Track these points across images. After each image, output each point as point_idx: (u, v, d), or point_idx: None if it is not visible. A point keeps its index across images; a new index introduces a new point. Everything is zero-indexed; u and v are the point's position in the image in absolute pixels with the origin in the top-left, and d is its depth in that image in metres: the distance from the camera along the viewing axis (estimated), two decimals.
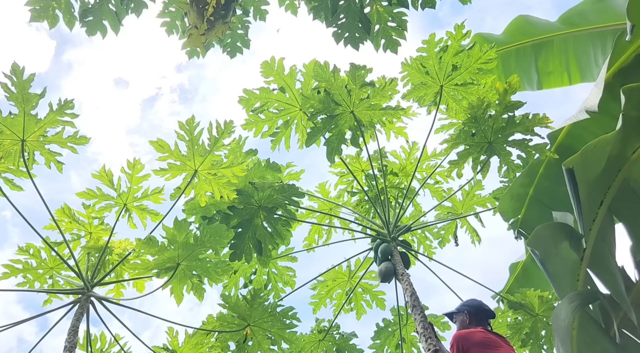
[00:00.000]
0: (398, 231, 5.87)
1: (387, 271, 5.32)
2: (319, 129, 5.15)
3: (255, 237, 5.09)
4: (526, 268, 5.76)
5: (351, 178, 6.50)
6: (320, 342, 6.16)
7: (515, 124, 4.95)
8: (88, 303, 4.78)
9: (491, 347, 3.37)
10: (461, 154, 5.11)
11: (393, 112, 5.23)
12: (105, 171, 4.82)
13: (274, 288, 6.21)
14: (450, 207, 6.50)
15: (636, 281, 3.50)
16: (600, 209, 3.22)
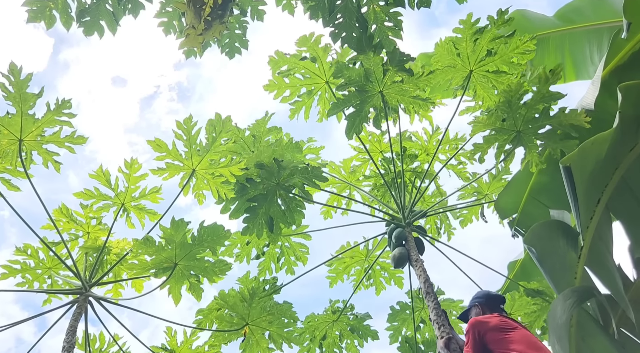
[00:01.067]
0: (413, 217, 5.82)
1: (401, 256, 5.27)
2: (344, 102, 4.99)
3: (269, 213, 5.05)
4: (524, 266, 5.76)
5: (367, 156, 6.45)
6: (334, 322, 6.17)
7: (548, 116, 4.63)
8: (86, 303, 4.78)
9: (507, 330, 3.36)
10: (487, 138, 4.83)
11: (422, 103, 5.09)
12: (102, 171, 4.81)
13: (287, 262, 6.22)
14: (476, 188, 6.50)
15: (634, 279, 3.51)
16: (598, 207, 3.23)
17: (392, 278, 6.46)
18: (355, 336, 6.21)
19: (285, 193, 5.04)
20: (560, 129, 4.60)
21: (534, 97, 4.63)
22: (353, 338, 6.22)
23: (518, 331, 3.41)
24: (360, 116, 5.04)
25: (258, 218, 5.02)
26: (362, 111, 5.02)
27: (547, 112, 4.64)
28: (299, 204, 5.10)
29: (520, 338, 3.32)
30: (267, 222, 5.05)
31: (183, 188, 4.88)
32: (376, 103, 5.04)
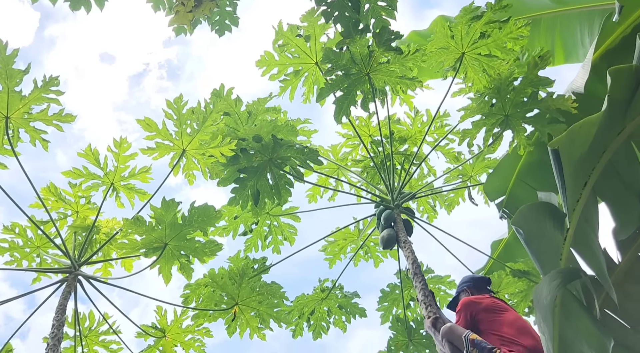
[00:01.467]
0: (402, 199, 5.89)
1: (390, 238, 5.35)
2: (332, 86, 4.99)
3: (257, 187, 5.06)
4: (508, 246, 5.86)
5: (357, 141, 6.50)
6: (323, 300, 6.28)
7: (537, 100, 4.70)
8: (76, 281, 4.78)
9: (498, 312, 3.44)
10: (476, 123, 4.90)
11: (409, 82, 5.10)
12: (91, 150, 4.77)
13: (274, 241, 6.29)
14: (460, 170, 6.57)
15: (618, 262, 3.57)
16: (585, 189, 3.26)
17: (387, 251, 6.49)
18: (344, 313, 6.34)
19: (276, 169, 5.04)
20: (548, 113, 4.65)
21: (523, 82, 4.69)
22: (341, 315, 6.34)
23: (509, 313, 3.49)
24: (348, 99, 5.05)
25: (245, 190, 5.03)
26: (349, 94, 5.05)
27: (535, 96, 4.70)
28: (288, 182, 5.11)
29: (511, 321, 3.39)
30: (254, 195, 5.05)
31: (173, 168, 4.86)
32: (363, 86, 5.05)
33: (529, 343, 3.18)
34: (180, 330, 5.04)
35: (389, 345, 6.07)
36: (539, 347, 3.19)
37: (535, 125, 4.77)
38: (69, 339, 5.15)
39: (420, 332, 6.05)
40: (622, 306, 3.31)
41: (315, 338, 6.35)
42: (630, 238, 3.39)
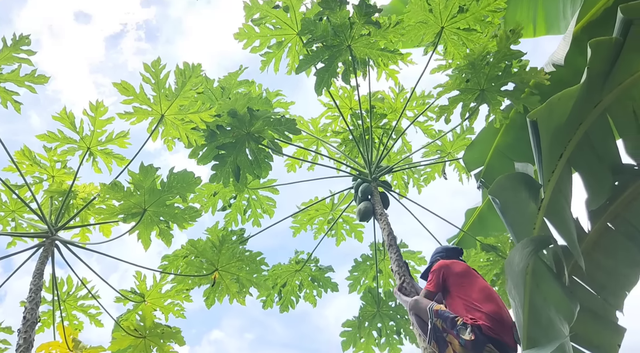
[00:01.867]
0: (379, 172, 5.96)
1: (366, 210, 5.47)
2: (313, 57, 4.96)
3: (237, 163, 5.04)
4: (482, 215, 5.99)
5: (337, 113, 6.47)
6: (297, 272, 6.39)
7: (510, 74, 4.80)
8: (53, 246, 4.74)
9: (469, 277, 3.57)
10: (452, 99, 4.97)
11: (390, 54, 5.09)
12: (66, 113, 4.64)
13: (253, 214, 6.31)
14: (439, 145, 6.63)
15: (588, 231, 3.69)
16: (560, 161, 3.33)
17: (352, 231, 6.68)
18: (315, 286, 6.45)
19: (254, 144, 5.02)
20: (522, 86, 4.75)
21: (496, 56, 4.76)
22: (312, 288, 6.46)
23: (479, 281, 3.61)
24: (329, 71, 5.02)
25: (226, 167, 5.01)
26: (330, 66, 5.01)
27: (509, 70, 4.80)
28: (267, 156, 5.11)
29: (479, 288, 3.52)
30: (235, 171, 5.04)
31: (152, 133, 4.78)
32: (345, 58, 5.02)
33: (490, 309, 3.31)
34: (160, 295, 5.06)
35: (359, 314, 6.20)
36: (502, 313, 3.33)
37: (510, 98, 4.87)
38: (47, 303, 5.14)
39: (388, 304, 6.20)
40: (590, 274, 3.45)
41: (282, 312, 6.45)
42: (601, 209, 3.51)
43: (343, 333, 6.19)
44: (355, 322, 6.18)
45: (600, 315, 3.45)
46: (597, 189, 3.44)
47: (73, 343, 4.78)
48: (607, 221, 3.53)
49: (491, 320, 3.22)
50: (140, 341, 4.86)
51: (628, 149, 3.60)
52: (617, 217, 3.52)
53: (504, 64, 4.77)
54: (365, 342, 6.20)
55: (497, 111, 4.93)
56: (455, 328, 3.23)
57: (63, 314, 5.12)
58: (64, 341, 4.74)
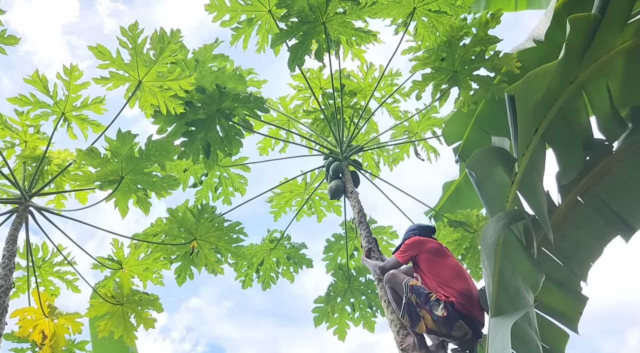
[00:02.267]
0: (350, 151, 6.03)
1: (337, 188, 5.57)
2: (287, 32, 4.90)
3: (207, 139, 5.01)
4: (459, 188, 6.11)
5: (308, 93, 6.45)
6: (272, 250, 6.46)
7: (484, 59, 4.87)
8: (26, 213, 4.67)
9: (441, 255, 3.67)
10: (426, 76, 5.02)
11: (364, 35, 5.08)
12: (39, 76, 4.50)
13: (224, 192, 6.31)
14: (407, 126, 6.69)
15: (558, 204, 3.81)
16: (535, 136, 3.40)
17: (330, 206, 6.75)
18: (291, 263, 6.53)
19: (225, 121, 4.99)
20: (494, 72, 4.86)
21: (472, 40, 4.81)
22: (289, 265, 6.53)
23: (450, 259, 3.72)
24: (303, 47, 4.98)
25: (196, 143, 4.98)
26: (305, 42, 4.96)
27: (483, 55, 4.86)
28: (238, 133, 5.08)
29: (450, 266, 3.62)
30: (205, 148, 5.03)
31: (129, 100, 4.68)
32: (319, 35, 4.98)
33: (461, 286, 3.43)
34: (137, 263, 5.06)
35: (329, 290, 6.32)
36: (471, 289, 3.45)
37: (480, 84, 4.95)
38: (22, 269, 5.10)
39: (359, 280, 6.32)
40: (558, 246, 3.58)
41: (265, 289, 6.53)
42: (572, 183, 3.61)
43: (315, 309, 6.32)
44: (326, 298, 6.30)
45: (565, 285, 3.60)
46: (569, 164, 3.54)
47: (49, 309, 4.78)
48: (577, 195, 3.65)
49: (462, 297, 3.35)
50: (118, 308, 4.88)
51: (600, 125, 3.69)
52: (586, 191, 3.63)
53: (479, 48, 4.84)
54: (339, 317, 6.35)
55: (467, 95, 5.03)
56: (428, 303, 3.34)
57: (38, 280, 5.10)
58: (39, 307, 4.73)
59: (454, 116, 5.56)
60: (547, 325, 3.66)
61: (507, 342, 2.28)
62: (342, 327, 6.36)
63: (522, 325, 2.59)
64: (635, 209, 3.62)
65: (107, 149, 4.48)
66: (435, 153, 6.70)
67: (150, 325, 4.91)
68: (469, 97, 5.02)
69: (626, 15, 3.44)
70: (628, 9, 3.42)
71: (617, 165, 3.63)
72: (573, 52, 3.27)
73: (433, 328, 3.32)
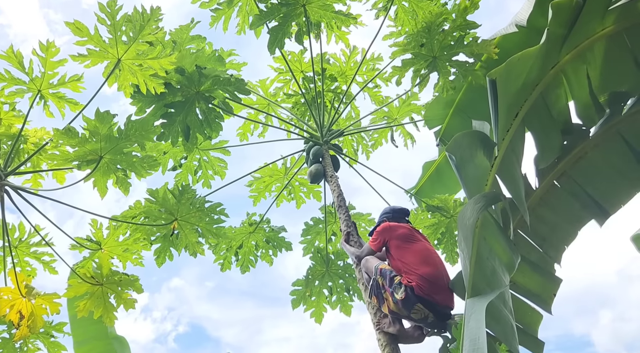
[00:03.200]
0: (331, 135, 6.03)
1: (317, 172, 5.58)
2: (267, 14, 4.85)
3: (186, 122, 4.96)
4: (440, 168, 6.20)
5: (289, 76, 6.40)
6: (251, 234, 6.47)
7: (462, 44, 4.90)
8: (2, 192, 4.57)
9: (410, 241, 3.74)
10: (405, 61, 5.05)
11: (344, 18, 5.06)
12: (13, 52, 4.37)
13: (204, 175, 6.28)
14: (386, 112, 6.70)
15: (535, 188, 3.88)
16: (515, 120, 3.44)
17: (310, 192, 6.74)
18: (271, 246, 6.55)
19: (204, 104, 4.94)
20: (472, 58, 4.91)
21: (451, 26, 4.84)
22: (268, 249, 6.55)
23: (419, 244, 3.78)
24: (283, 30, 4.94)
25: (175, 126, 4.93)
26: (285, 25, 4.92)
27: (462, 40, 4.89)
28: (218, 116, 5.03)
29: (418, 251, 3.69)
30: (184, 130, 4.98)
31: (107, 78, 4.58)
32: (299, 19, 4.94)
33: (425, 271, 3.51)
34: (117, 243, 5.01)
35: (307, 274, 6.37)
36: (436, 274, 3.54)
37: (459, 69, 4.99)
38: None
39: (337, 264, 6.38)
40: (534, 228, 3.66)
41: (244, 272, 6.54)
42: (549, 167, 3.68)
43: (293, 291, 6.37)
44: (304, 281, 6.35)
45: (540, 267, 3.70)
46: (547, 149, 3.60)
47: (26, 289, 4.72)
48: (554, 178, 3.72)
49: (424, 281, 3.44)
50: (98, 288, 4.84)
51: (578, 110, 3.75)
52: (563, 175, 3.70)
53: (458, 33, 4.86)
54: (316, 300, 6.41)
55: (446, 81, 5.07)
56: (392, 286, 3.49)
57: (15, 260, 5.02)
58: (16, 287, 4.67)
59: (435, 100, 5.59)
60: (521, 305, 3.76)
61: (482, 321, 2.34)
62: (319, 310, 6.43)
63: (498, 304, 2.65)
64: (610, 193, 3.72)
65: (85, 129, 4.40)
66: (412, 140, 6.75)
67: (131, 306, 4.89)
68: (448, 82, 5.07)
69: (607, 1, 3.48)
70: None
71: (594, 150, 3.70)
72: (554, 37, 3.30)
73: (394, 310, 3.47)
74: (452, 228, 6.16)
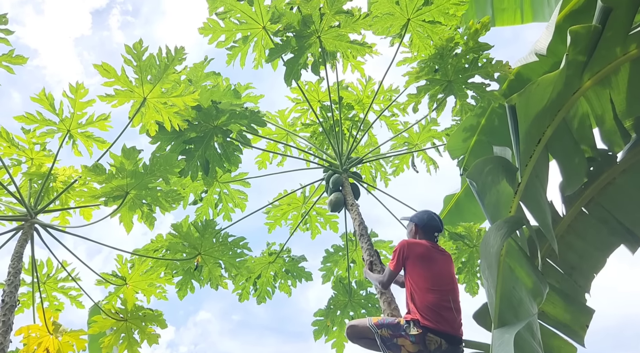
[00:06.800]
0: (350, 163, 6.03)
1: (337, 201, 5.53)
2: (282, 47, 4.98)
3: (205, 157, 5.06)
4: (459, 201, 6.07)
5: (306, 106, 6.48)
6: (270, 264, 6.43)
7: (477, 66, 4.93)
8: (32, 230, 4.70)
9: (427, 262, 3.61)
10: (420, 88, 5.07)
11: (359, 47, 5.15)
12: (45, 95, 4.57)
13: (224, 208, 6.33)
14: (407, 137, 6.70)
15: (563, 215, 3.77)
16: (538, 146, 3.38)
17: (327, 223, 6.70)
18: (290, 277, 6.49)
19: (222, 137, 5.03)
20: (488, 78, 4.91)
21: (464, 48, 4.87)
22: (287, 279, 6.50)
23: (436, 265, 3.60)
24: (299, 62, 5.05)
25: (194, 160, 5.03)
26: (300, 57, 5.03)
27: (476, 62, 4.92)
28: (236, 148, 5.13)
29: (433, 274, 3.54)
30: (203, 165, 5.07)
31: (133, 117, 4.74)
32: (314, 49, 5.04)
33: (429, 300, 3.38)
34: (141, 278, 5.06)
35: (329, 303, 6.26)
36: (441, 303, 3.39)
37: (476, 91, 4.99)
38: (27, 286, 5.12)
39: (360, 293, 6.27)
40: (562, 256, 3.53)
41: (259, 303, 6.48)
42: (576, 194, 3.57)
43: (315, 322, 6.26)
44: (326, 311, 6.24)
45: (570, 296, 3.54)
46: (572, 175, 3.51)
47: (53, 326, 4.77)
48: (582, 205, 3.61)
49: (427, 311, 3.33)
50: (122, 324, 4.87)
51: (603, 136, 3.67)
52: (590, 201, 3.59)
53: (471, 56, 4.88)
54: (338, 330, 6.28)
55: (464, 103, 5.07)
56: (401, 329, 3.37)
57: (43, 296, 5.10)
58: (43, 324, 4.73)
59: (458, 129, 5.55)
60: (553, 337, 3.60)
61: None
62: (341, 340, 6.28)
63: (526, 336, 2.54)
64: None
65: (111, 165, 4.52)
66: (435, 165, 6.69)
67: (154, 341, 4.88)
68: (466, 105, 5.06)
69: (627, 26, 3.44)
70: (629, 20, 3.42)
71: (622, 175, 3.59)
72: (574, 63, 3.27)
73: (415, 351, 3.33)
74: (474, 258, 6.00)
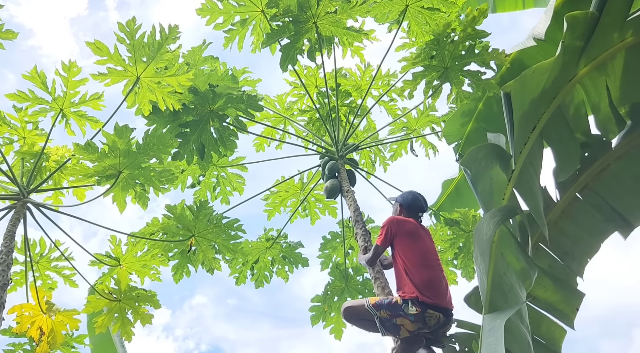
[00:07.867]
0: (346, 150, 6.02)
1: (333, 187, 5.56)
2: (279, 32, 4.92)
3: (201, 141, 5.03)
4: (459, 186, 6.11)
5: (303, 91, 6.44)
6: (268, 249, 6.45)
7: (473, 54, 4.89)
8: (24, 209, 4.68)
9: (414, 238, 3.67)
10: (416, 74, 5.03)
11: (356, 34, 5.10)
12: (37, 73, 4.50)
13: (222, 191, 6.33)
14: (405, 122, 6.69)
15: (557, 200, 3.80)
16: (532, 133, 3.38)
17: (326, 208, 6.71)
18: (287, 262, 6.52)
19: (218, 122, 4.99)
20: (483, 66, 4.87)
21: (461, 35, 4.83)
22: (284, 264, 6.53)
23: (422, 242, 3.70)
24: (295, 47, 4.99)
25: (189, 144, 4.99)
26: (296, 42, 4.97)
27: (473, 50, 4.88)
28: (232, 133, 5.09)
29: (420, 252, 3.62)
30: (199, 149, 5.04)
31: (127, 96, 4.68)
32: (310, 35, 4.98)
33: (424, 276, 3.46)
34: (135, 259, 5.06)
35: (326, 289, 6.29)
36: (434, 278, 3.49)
37: (471, 79, 4.96)
38: (20, 264, 5.12)
39: (356, 279, 6.30)
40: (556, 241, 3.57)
41: (257, 287, 6.51)
42: (571, 180, 3.60)
43: (312, 308, 6.30)
44: (323, 297, 6.29)
45: (561, 280, 3.60)
46: (566, 161, 3.52)
47: (46, 305, 4.79)
48: (576, 191, 3.64)
49: (425, 287, 3.37)
50: (115, 304, 4.88)
51: (598, 122, 3.68)
52: (585, 187, 3.62)
53: (468, 43, 4.84)
54: (335, 315, 6.33)
55: (460, 91, 5.03)
56: (399, 309, 3.40)
57: (36, 274, 5.10)
58: (37, 303, 4.74)
59: (454, 116, 5.54)
60: (543, 320, 3.66)
61: (501, 338, 2.27)
62: (339, 326, 6.34)
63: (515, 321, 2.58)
64: (634, 205, 3.61)
65: (104, 144, 4.48)
66: (434, 150, 6.69)
67: (147, 321, 4.91)
68: (462, 92, 5.03)
69: (625, 12, 3.42)
70: (627, 7, 3.40)
71: (616, 162, 3.61)
72: (570, 50, 3.25)
73: (414, 329, 3.37)
74: (470, 242, 6.05)
